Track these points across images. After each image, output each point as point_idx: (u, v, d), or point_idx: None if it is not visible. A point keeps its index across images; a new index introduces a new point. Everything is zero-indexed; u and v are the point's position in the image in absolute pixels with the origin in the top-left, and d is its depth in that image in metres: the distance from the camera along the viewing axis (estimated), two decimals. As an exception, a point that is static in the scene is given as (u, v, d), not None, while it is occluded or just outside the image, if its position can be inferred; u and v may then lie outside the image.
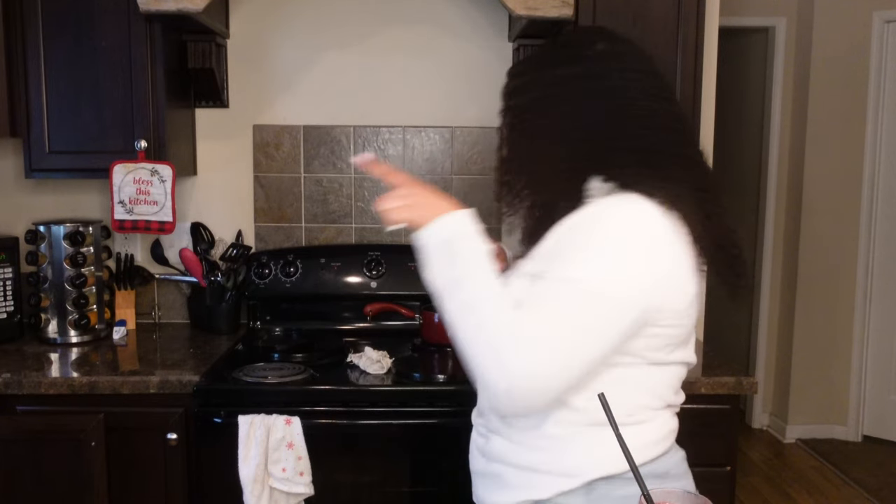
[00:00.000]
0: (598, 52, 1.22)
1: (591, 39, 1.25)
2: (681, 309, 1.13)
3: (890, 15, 3.94)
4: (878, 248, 4.10)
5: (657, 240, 1.09)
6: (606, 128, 1.17)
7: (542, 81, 1.24)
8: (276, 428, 1.80)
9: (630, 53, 1.25)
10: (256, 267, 2.40)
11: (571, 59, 1.23)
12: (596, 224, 1.11)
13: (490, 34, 2.48)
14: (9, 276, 2.25)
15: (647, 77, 1.23)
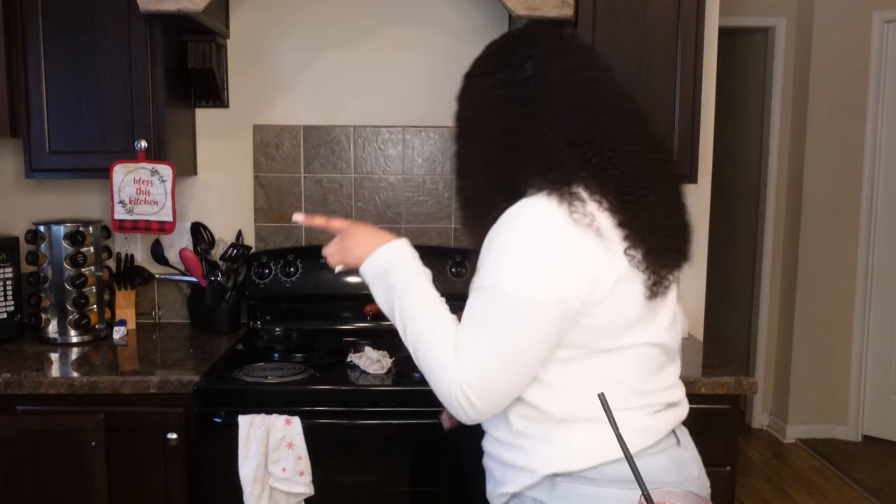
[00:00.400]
0: (521, 58, 1.23)
1: (518, 45, 1.26)
2: (606, 296, 1.13)
3: (890, 15, 3.94)
4: (877, 248, 4.10)
5: (562, 236, 1.11)
6: (518, 136, 1.19)
7: (469, 90, 1.30)
8: (276, 428, 1.80)
9: (559, 55, 1.24)
10: (256, 267, 2.40)
11: (496, 68, 1.26)
12: (503, 230, 1.15)
13: (490, 34, 2.45)
14: (9, 275, 2.25)
15: (574, 77, 1.21)
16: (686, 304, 2.53)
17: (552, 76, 1.20)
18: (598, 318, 1.14)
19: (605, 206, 1.14)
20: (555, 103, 1.19)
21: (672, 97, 2.16)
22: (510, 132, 1.21)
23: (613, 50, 2.14)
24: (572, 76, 1.21)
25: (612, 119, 1.20)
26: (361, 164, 2.52)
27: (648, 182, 1.18)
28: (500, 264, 1.14)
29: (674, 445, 1.23)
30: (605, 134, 1.18)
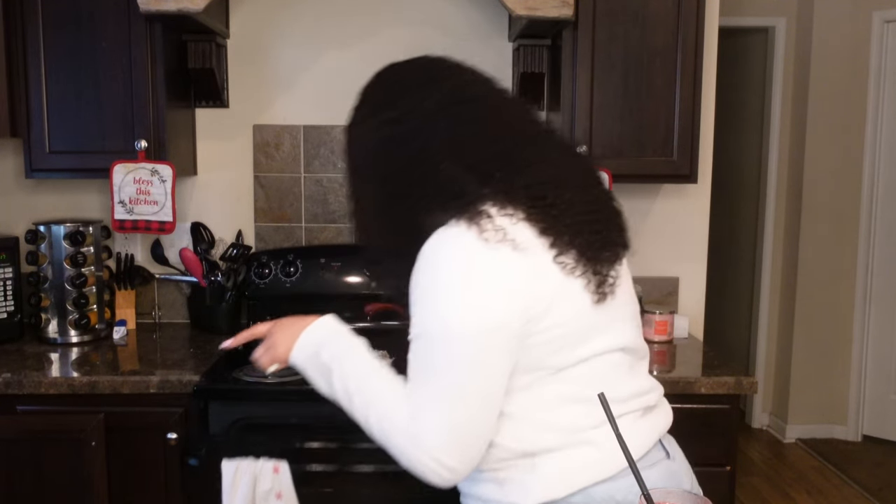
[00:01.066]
0: (393, 95, 1.19)
1: (388, 83, 1.23)
2: (547, 309, 1.07)
3: (890, 15, 3.94)
4: (877, 247, 4.10)
5: (478, 261, 1.05)
6: (408, 176, 1.15)
7: (351, 142, 1.25)
8: (263, 477, 1.71)
9: (432, 81, 1.18)
10: (256, 267, 2.40)
11: (372, 112, 1.21)
12: (419, 272, 1.10)
13: (490, 34, 2.48)
14: (9, 275, 2.25)
15: (452, 98, 1.16)
16: (686, 304, 2.54)
17: (428, 104, 1.14)
18: (545, 335, 1.07)
19: (520, 217, 1.08)
20: (438, 131, 1.13)
21: (672, 97, 2.16)
22: (399, 175, 1.15)
23: (613, 50, 2.15)
24: (450, 98, 1.15)
25: (504, 129, 1.15)
26: (361, 164, 2.52)
27: (561, 181, 1.14)
28: (424, 308, 1.08)
29: (664, 458, 1.19)
30: (501, 145, 1.13)
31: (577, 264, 1.09)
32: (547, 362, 1.09)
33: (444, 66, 1.21)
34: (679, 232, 2.53)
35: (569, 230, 1.10)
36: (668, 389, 1.88)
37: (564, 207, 1.11)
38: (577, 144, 2.15)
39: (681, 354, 2.25)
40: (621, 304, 1.18)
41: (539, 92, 2.46)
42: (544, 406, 1.11)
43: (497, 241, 1.06)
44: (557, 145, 1.22)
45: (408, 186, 1.15)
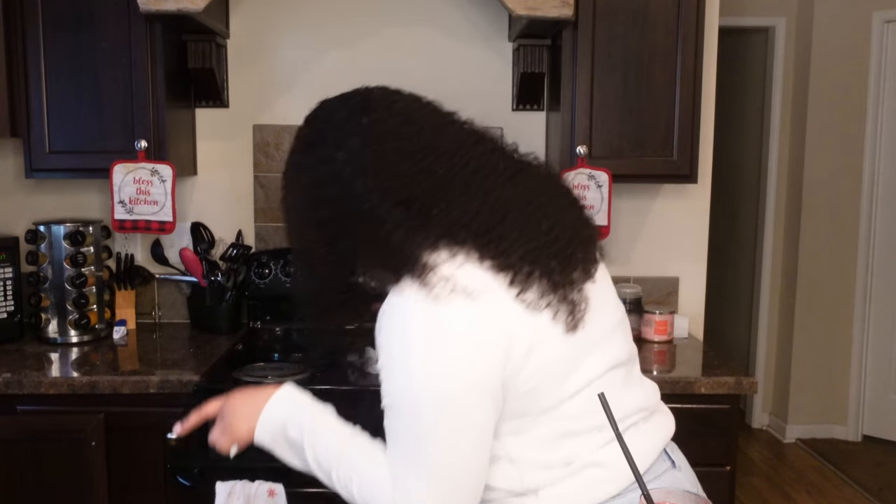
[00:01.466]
0: (321, 135, 1.12)
1: (316, 123, 1.15)
2: (526, 355, 1.01)
3: (890, 15, 3.94)
4: (877, 247, 4.10)
5: (436, 323, 1.00)
6: (340, 222, 1.08)
7: (286, 187, 1.19)
8: (258, 500, 1.68)
9: (362, 112, 1.11)
10: (256, 267, 2.40)
11: (303, 153, 1.14)
12: (381, 337, 1.05)
13: (490, 34, 2.48)
14: (9, 275, 2.25)
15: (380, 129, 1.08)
16: (686, 304, 2.54)
17: (354, 141, 1.07)
18: (528, 382, 1.02)
19: (468, 258, 1.02)
20: (366, 169, 1.05)
21: (672, 97, 2.16)
22: (332, 220, 1.09)
23: (613, 50, 2.15)
24: (378, 132, 1.08)
25: (441, 159, 1.06)
26: (361, 164, 2.51)
27: (507, 205, 1.06)
28: (391, 378, 1.03)
29: (669, 469, 1.16)
30: (436, 179, 1.05)
31: (541, 297, 1.03)
32: (534, 406, 1.05)
33: (375, 98, 1.13)
34: (679, 232, 2.53)
35: (524, 261, 1.03)
36: (668, 389, 1.89)
37: (515, 237, 1.04)
38: (577, 144, 2.15)
39: (681, 354, 2.25)
40: (602, 321, 1.12)
41: (539, 92, 2.46)
42: (539, 446, 1.07)
43: (448, 294, 0.99)
44: (510, 167, 1.12)
45: (342, 233, 1.09)
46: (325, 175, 1.09)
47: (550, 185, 1.17)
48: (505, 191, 1.08)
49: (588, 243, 1.13)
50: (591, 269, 1.12)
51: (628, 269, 2.53)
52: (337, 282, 1.14)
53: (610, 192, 2.19)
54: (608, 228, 2.24)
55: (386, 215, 1.04)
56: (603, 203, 2.20)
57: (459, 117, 1.17)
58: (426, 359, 1.00)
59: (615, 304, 1.20)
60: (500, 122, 2.50)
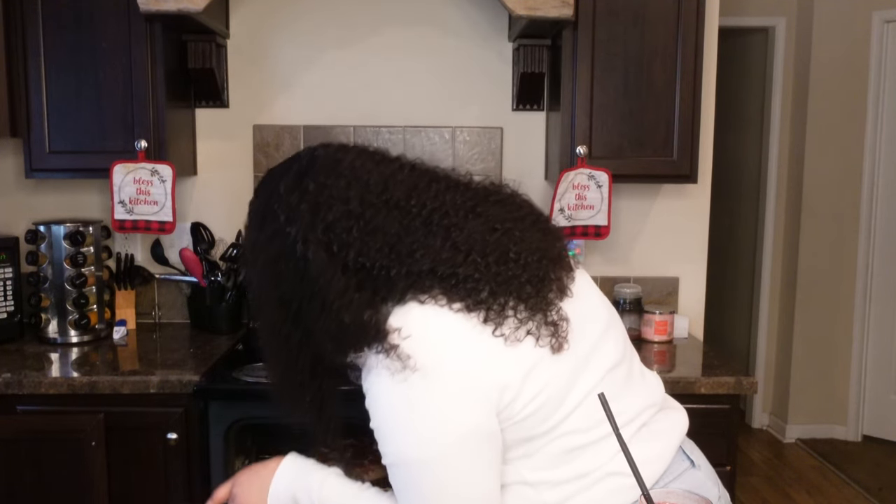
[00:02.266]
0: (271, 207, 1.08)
1: (264, 195, 1.12)
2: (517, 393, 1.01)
3: (890, 15, 3.94)
4: (877, 247, 4.10)
5: (426, 385, 0.99)
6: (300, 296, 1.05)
7: (247, 265, 1.18)
8: None
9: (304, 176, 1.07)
10: (256, 267, 2.39)
11: (256, 228, 1.12)
12: (370, 410, 1.04)
13: (490, 34, 2.48)
14: (9, 275, 2.25)
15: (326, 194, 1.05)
16: (686, 304, 2.54)
17: (304, 209, 1.04)
18: (524, 412, 1.02)
19: (441, 303, 1.01)
20: (319, 242, 1.03)
21: (672, 97, 2.16)
22: (293, 299, 1.05)
23: (613, 50, 2.15)
24: (325, 196, 1.04)
25: (391, 213, 1.05)
26: (361, 164, 2.51)
27: (470, 241, 1.04)
28: (387, 443, 1.03)
29: (689, 468, 1.15)
30: (391, 236, 1.03)
31: (519, 327, 1.02)
32: (538, 429, 1.05)
33: (319, 161, 1.10)
34: (679, 232, 2.53)
35: (496, 295, 1.02)
36: (668, 389, 1.87)
37: (482, 272, 1.03)
38: (577, 144, 2.15)
39: (681, 354, 2.25)
40: (590, 330, 1.11)
41: (539, 92, 2.46)
42: (551, 465, 1.07)
43: (422, 358, 0.99)
44: (467, 200, 1.10)
45: (305, 311, 1.05)
46: (279, 250, 1.06)
47: (512, 207, 1.14)
48: (467, 226, 1.06)
49: (558, 260, 1.12)
50: (565, 285, 1.11)
51: (628, 269, 2.53)
52: (305, 365, 1.10)
53: (610, 192, 2.19)
54: (608, 228, 2.24)
55: (344, 289, 1.02)
56: (603, 203, 2.20)
57: (408, 160, 1.14)
58: (416, 426, 1.01)
59: (601, 307, 1.18)
60: (500, 122, 2.51)
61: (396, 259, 1.03)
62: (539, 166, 2.51)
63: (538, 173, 2.51)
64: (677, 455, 1.16)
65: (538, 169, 2.51)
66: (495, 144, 2.50)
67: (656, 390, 1.22)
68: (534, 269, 1.07)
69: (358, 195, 1.05)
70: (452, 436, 1.00)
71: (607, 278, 2.51)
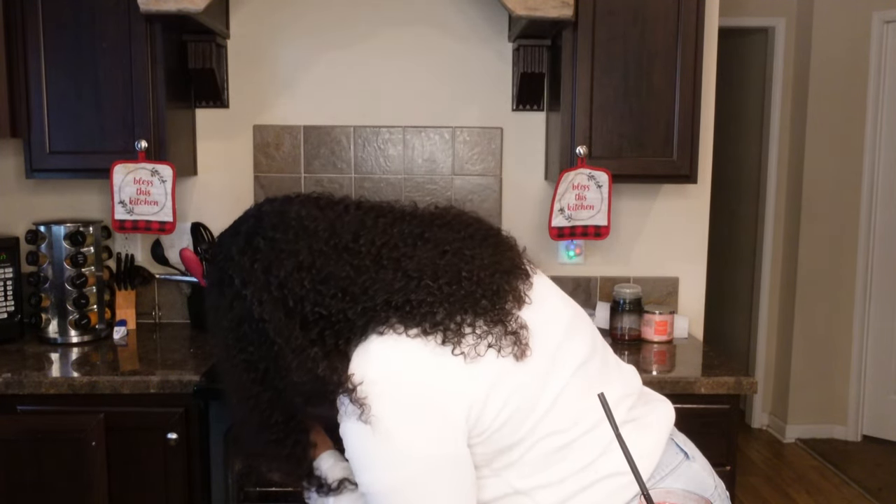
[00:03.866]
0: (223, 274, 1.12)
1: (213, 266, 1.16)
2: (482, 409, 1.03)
3: (889, 15, 3.94)
4: (877, 247, 4.10)
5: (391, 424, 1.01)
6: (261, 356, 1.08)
7: (212, 332, 1.20)
8: None
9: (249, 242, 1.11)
10: (256, 267, 2.39)
11: (215, 297, 1.15)
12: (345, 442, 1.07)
13: (490, 34, 2.48)
14: (9, 276, 2.25)
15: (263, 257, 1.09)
16: (686, 304, 2.54)
17: (257, 269, 1.08)
18: (494, 424, 1.04)
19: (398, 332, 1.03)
20: (276, 301, 1.06)
21: (672, 97, 2.16)
22: (260, 360, 1.08)
23: (613, 50, 2.15)
24: (275, 251, 1.08)
25: (341, 257, 1.07)
26: (361, 165, 2.52)
27: (421, 268, 1.07)
28: (363, 470, 1.05)
29: (683, 461, 1.17)
30: (343, 280, 1.06)
31: (477, 343, 1.04)
32: (513, 437, 1.06)
33: (266, 216, 1.14)
34: (679, 232, 2.54)
35: (451, 315, 1.04)
36: (668, 389, 1.89)
37: (435, 296, 1.05)
38: (577, 144, 2.15)
39: (681, 354, 2.25)
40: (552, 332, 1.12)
41: (539, 92, 2.46)
42: (540, 469, 1.08)
43: (383, 396, 1.01)
44: (414, 229, 1.13)
45: (271, 371, 1.07)
46: (239, 314, 1.08)
47: (459, 227, 1.16)
48: (416, 254, 1.09)
49: (511, 271, 1.14)
50: (521, 294, 1.12)
51: (628, 269, 2.53)
52: (279, 421, 1.11)
53: (610, 192, 2.19)
54: (608, 228, 2.24)
55: (302, 346, 1.05)
56: (603, 203, 2.20)
57: (352, 200, 1.18)
58: (384, 458, 1.03)
59: (562, 308, 1.19)
60: (500, 122, 2.51)
61: (351, 301, 1.05)
62: (539, 166, 2.52)
63: (538, 173, 2.51)
64: (669, 448, 1.17)
65: (538, 169, 2.51)
66: (495, 145, 2.50)
67: (633, 381, 1.23)
68: (487, 284, 1.09)
69: (307, 245, 1.08)
70: (418, 464, 1.02)
71: (607, 278, 2.51)
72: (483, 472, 1.08)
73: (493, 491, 1.09)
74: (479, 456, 1.07)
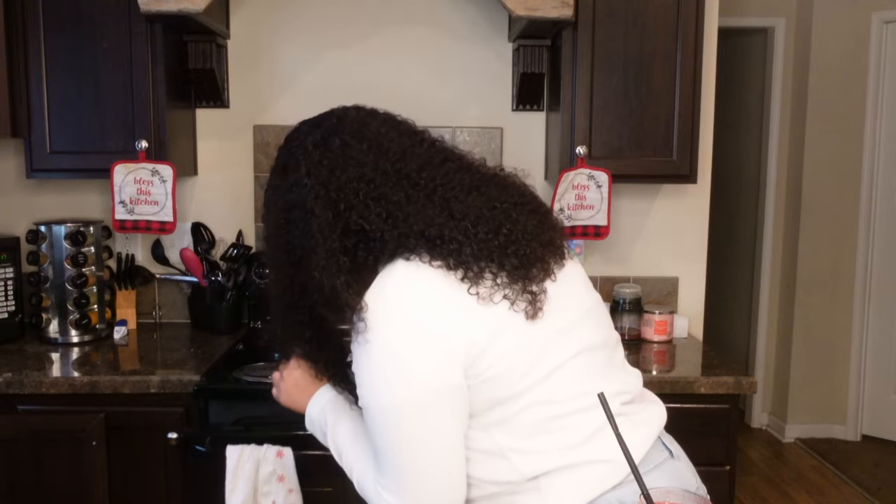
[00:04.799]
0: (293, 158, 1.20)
1: (288, 147, 1.24)
2: (484, 350, 1.06)
3: (889, 16, 3.94)
4: (877, 247, 4.11)
5: (404, 322, 1.05)
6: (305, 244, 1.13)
7: (266, 209, 1.25)
8: (266, 461, 1.74)
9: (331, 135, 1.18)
10: (257, 267, 2.40)
11: (278, 175, 1.23)
12: (354, 350, 1.10)
13: (490, 34, 2.48)
14: (10, 275, 2.25)
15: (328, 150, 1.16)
16: (686, 304, 2.54)
17: (323, 166, 1.14)
18: (491, 371, 1.06)
19: (424, 260, 1.07)
20: (329, 199, 1.11)
21: (672, 97, 2.16)
22: (299, 247, 1.13)
23: (613, 50, 2.15)
24: (345, 156, 1.14)
25: (399, 183, 1.11)
26: (361, 165, 2.52)
27: (466, 212, 1.10)
28: (363, 385, 1.09)
29: (668, 458, 1.18)
30: (393, 204, 1.10)
31: (494, 291, 1.07)
32: (505, 392, 1.08)
33: (349, 121, 1.21)
34: (679, 232, 2.54)
35: (477, 258, 1.07)
36: (667, 389, 1.89)
37: (469, 237, 1.08)
38: (577, 144, 2.16)
39: (680, 354, 2.25)
40: (570, 308, 1.15)
41: (539, 92, 2.47)
42: (526, 434, 1.10)
43: (396, 314, 1.05)
44: (474, 180, 1.16)
45: (306, 260, 1.12)
46: (294, 200, 1.15)
47: (514, 193, 1.20)
48: (466, 200, 1.12)
49: (548, 245, 1.17)
50: (550, 266, 1.15)
51: (628, 269, 2.54)
52: (305, 305, 1.16)
53: (610, 192, 2.19)
54: (608, 228, 2.24)
55: (333, 251, 1.10)
56: (603, 203, 2.20)
57: (430, 136, 1.22)
58: (386, 376, 1.06)
59: (586, 296, 1.22)
60: (500, 122, 2.51)
61: (393, 224, 1.09)
62: (539, 166, 2.52)
63: (538, 173, 2.51)
64: (656, 445, 1.18)
65: (538, 169, 2.51)
66: (495, 144, 2.50)
67: (634, 383, 1.24)
68: (521, 245, 1.12)
69: (374, 161, 1.13)
70: (418, 386, 1.05)
71: (607, 278, 2.51)
72: (472, 423, 1.11)
73: (477, 444, 1.11)
74: (473, 403, 1.09)
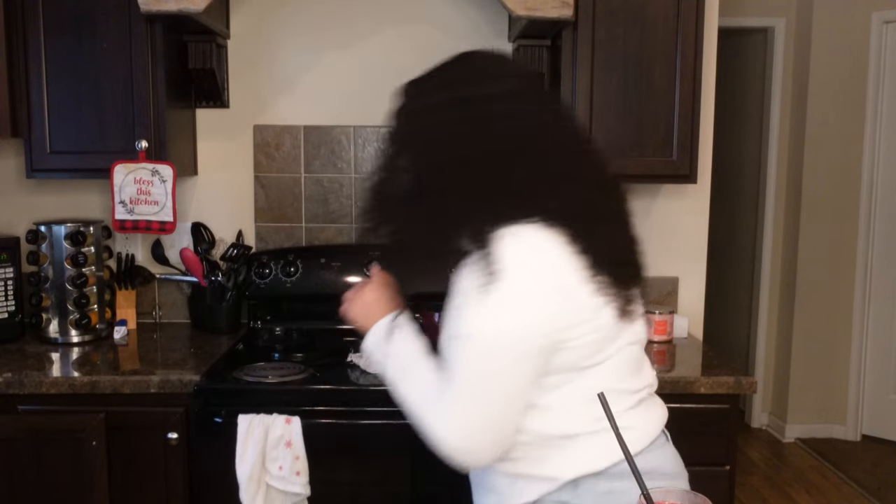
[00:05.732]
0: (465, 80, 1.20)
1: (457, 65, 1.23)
2: (584, 322, 1.12)
3: (889, 15, 3.94)
4: (876, 247, 4.11)
5: (534, 274, 1.09)
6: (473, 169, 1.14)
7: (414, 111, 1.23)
8: (275, 426, 1.80)
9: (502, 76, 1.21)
10: (257, 267, 2.40)
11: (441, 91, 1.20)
12: (458, 284, 1.14)
13: (490, 34, 2.48)
14: (10, 275, 2.26)
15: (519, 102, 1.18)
16: (686, 304, 2.54)
17: (508, 84, 1.18)
18: (578, 341, 1.13)
19: (564, 239, 1.11)
20: (513, 126, 1.14)
21: (672, 97, 2.16)
22: (464, 160, 1.14)
23: (613, 50, 2.15)
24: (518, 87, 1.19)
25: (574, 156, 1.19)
26: (361, 164, 2.52)
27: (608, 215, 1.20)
28: (461, 313, 1.12)
29: (666, 441, 1.27)
30: (550, 173, 1.15)
31: (608, 286, 1.14)
32: (580, 363, 1.15)
33: (515, 60, 1.31)
34: (679, 232, 2.54)
35: (604, 256, 1.14)
36: (667, 389, 1.89)
37: (600, 235, 1.15)
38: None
39: (680, 354, 2.25)
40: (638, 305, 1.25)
41: (539, 92, 2.46)
42: (577, 399, 1.15)
43: (549, 259, 1.10)
44: (597, 171, 1.25)
45: (469, 175, 1.14)
46: (462, 128, 1.14)
47: (623, 195, 1.28)
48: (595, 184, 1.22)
49: (640, 265, 1.26)
50: (640, 280, 1.25)
51: (628, 269, 2.53)
52: (439, 236, 1.17)
53: (610, 193, 2.19)
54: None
55: (521, 177, 1.13)
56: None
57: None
58: (488, 308, 1.09)
59: None
60: (500, 122, 2.51)
61: (543, 192, 1.13)
62: (539, 166, 2.51)
63: (538, 173, 2.51)
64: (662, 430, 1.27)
65: (538, 169, 2.51)
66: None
67: (655, 375, 1.32)
68: (633, 265, 1.23)
69: (556, 131, 1.20)
70: (524, 327, 1.09)
71: (607, 278, 2.51)
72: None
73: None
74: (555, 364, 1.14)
